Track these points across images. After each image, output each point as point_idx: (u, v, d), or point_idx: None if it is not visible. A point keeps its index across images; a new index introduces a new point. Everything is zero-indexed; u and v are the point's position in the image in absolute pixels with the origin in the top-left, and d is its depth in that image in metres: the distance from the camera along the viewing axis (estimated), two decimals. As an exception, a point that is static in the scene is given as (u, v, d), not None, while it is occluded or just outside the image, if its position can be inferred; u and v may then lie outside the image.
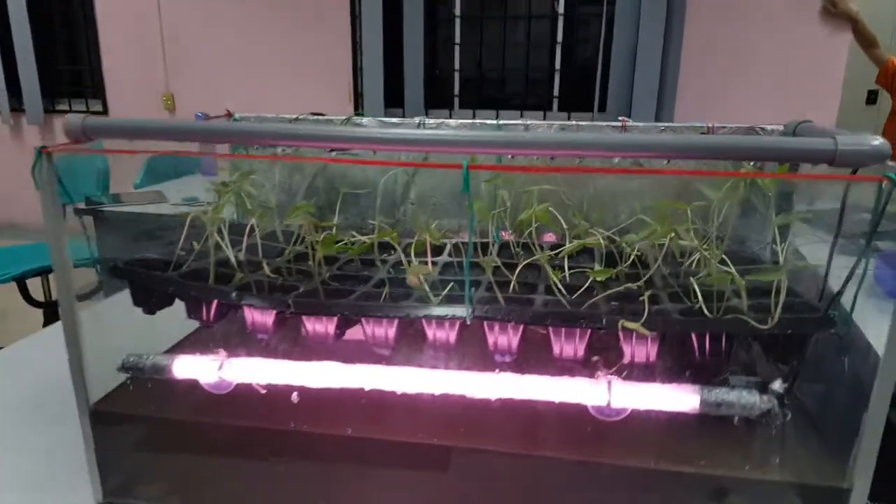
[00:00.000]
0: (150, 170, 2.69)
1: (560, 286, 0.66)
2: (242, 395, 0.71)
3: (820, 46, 2.99)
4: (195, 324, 0.80)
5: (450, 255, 0.80)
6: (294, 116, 0.89)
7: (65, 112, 4.31)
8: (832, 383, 0.67)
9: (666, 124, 0.78)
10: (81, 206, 2.27)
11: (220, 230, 0.79)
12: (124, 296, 0.80)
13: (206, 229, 0.78)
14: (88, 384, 0.72)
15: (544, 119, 3.47)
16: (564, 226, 0.73)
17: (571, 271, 0.70)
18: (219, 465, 0.75)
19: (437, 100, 3.58)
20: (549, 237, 0.84)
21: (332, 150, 0.76)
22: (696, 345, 0.61)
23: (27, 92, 4.20)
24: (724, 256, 0.68)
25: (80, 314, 0.69)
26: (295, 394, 0.69)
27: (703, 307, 0.60)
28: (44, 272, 2.49)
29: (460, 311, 0.63)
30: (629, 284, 0.63)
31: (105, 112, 4.19)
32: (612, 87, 3.20)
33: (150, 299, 0.79)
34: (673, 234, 0.63)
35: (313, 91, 3.68)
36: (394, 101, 3.52)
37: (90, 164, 2.74)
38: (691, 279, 0.62)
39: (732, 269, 0.64)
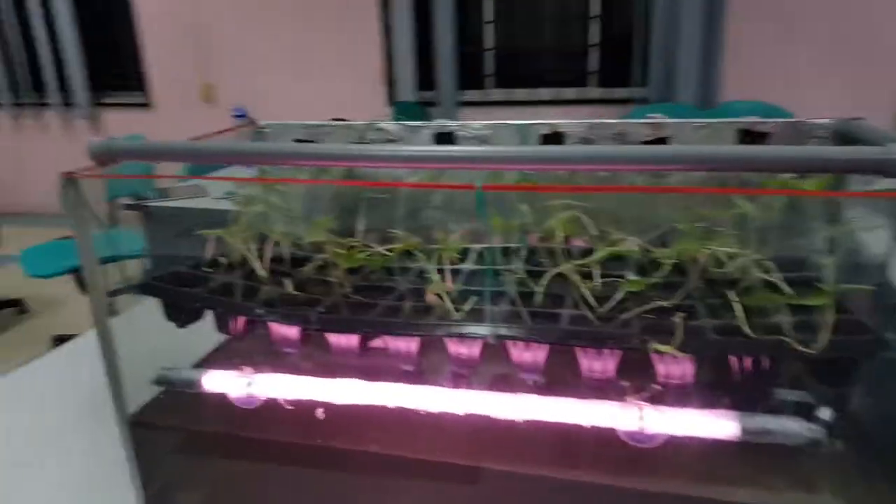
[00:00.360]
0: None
1: (589, 300, 0.63)
2: (271, 409, 0.72)
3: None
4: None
5: (475, 262, 0.78)
6: (317, 123, 0.88)
7: (111, 105, 4.47)
8: (893, 398, 0.61)
9: (703, 121, 0.72)
10: (129, 201, 2.38)
11: (247, 243, 0.79)
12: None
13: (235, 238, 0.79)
14: (126, 399, 0.74)
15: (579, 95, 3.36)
16: (593, 232, 0.69)
17: (602, 280, 0.67)
18: (254, 476, 0.77)
19: (470, 80, 3.52)
20: (580, 241, 0.81)
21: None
22: (735, 365, 0.57)
23: (75, 87, 4.38)
24: (768, 263, 0.63)
25: (121, 316, 0.71)
26: (320, 409, 0.70)
27: (744, 326, 0.56)
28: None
29: (483, 329, 0.61)
30: (662, 302, 0.59)
31: (147, 105, 4.32)
32: (654, 58, 3.06)
33: (181, 315, 0.80)
34: (710, 251, 0.59)
35: (347, 78, 3.68)
36: (426, 83, 3.48)
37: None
38: (731, 294, 0.58)
39: (778, 281, 0.59)
